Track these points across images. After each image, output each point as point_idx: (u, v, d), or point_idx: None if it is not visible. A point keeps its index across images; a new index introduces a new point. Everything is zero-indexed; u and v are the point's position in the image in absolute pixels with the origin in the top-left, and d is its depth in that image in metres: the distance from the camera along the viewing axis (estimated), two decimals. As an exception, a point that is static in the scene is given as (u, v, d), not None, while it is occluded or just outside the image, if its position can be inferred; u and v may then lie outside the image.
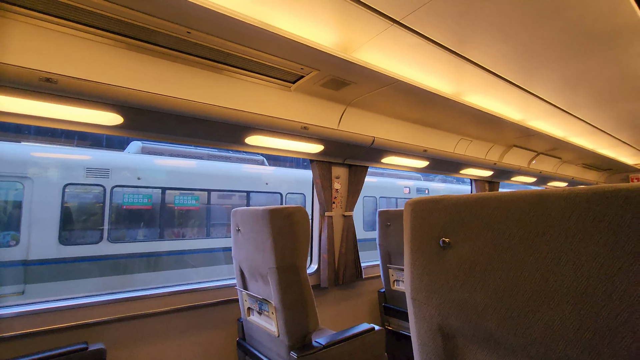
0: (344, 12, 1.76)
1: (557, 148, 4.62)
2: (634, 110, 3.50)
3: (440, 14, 1.80)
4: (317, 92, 2.38)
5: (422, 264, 0.97)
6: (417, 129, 3.17)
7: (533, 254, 0.74)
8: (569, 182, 5.92)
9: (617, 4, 1.72)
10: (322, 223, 2.96)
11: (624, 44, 2.13)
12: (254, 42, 1.76)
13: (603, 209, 0.64)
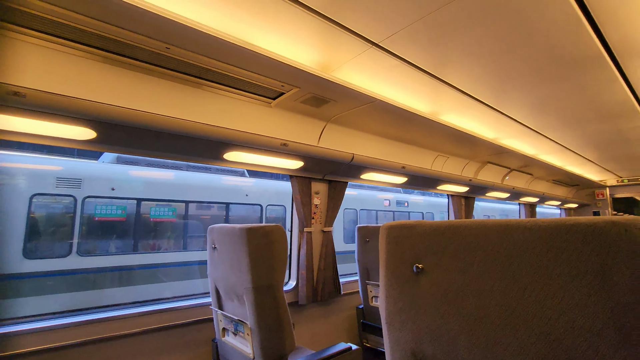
0: (325, 33, 1.80)
1: (528, 165, 4.81)
2: (597, 132, 3.71)
3: (417, 38, 1.86)
4: (297, 108, 2.39)
5: (396, 288, 0.97)
6: (395, 145, 3.23)
7: (501, 283, 0.75)
8: (540, 198, 6.16)
9: (580, 35, 1.83)
10: (301, 239, 2.94)
11: (587, 72, 2.26)
12: (234, 59, 1.76)
13: (564, 242, 0.67)
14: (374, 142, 3.03)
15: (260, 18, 1.65)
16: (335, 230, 8.46)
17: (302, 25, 1.72)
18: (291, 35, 1.80)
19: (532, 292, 0.71)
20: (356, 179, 3.25)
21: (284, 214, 7.87)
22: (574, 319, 0.64)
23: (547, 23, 1.73)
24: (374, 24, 1.74)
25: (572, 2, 1.57)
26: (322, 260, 2.97)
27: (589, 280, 0.64)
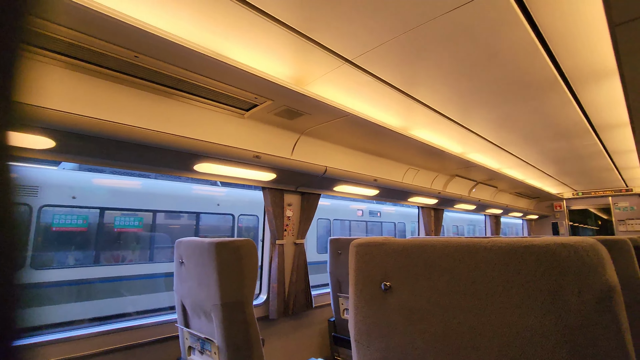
0: (299, 48, 1.81)
1: (493, 178, 5.04)
2: (554, 149, 3.97)
3: (388, 57, 1.92)
4: (271, 120, 2.38)
5: (365, 306, 0.98)
6: (368, 158, 3.29)
7: (464, 302, 0.78)
8: (504, 209, 6.45)
9: (537, 61, 1.96)
10: (273, 252, 2.89)
11: (544, 94, 2.43)
12: (206, 71, 1.73)
13: (520, 263, 0.70)
14: (347, 155, 3.06)
15: (235, 31, 1.64)
16: (308, 240, 8.44)
17: (276, 39, 1.73)
18: (265, 49, 1.81)
19: (492, 312, 0.73)
20: (329, 191, 3.26)
21: (257, 224, 7.76)
22: (530, 337, 0.67)
23: (507, 49, 1.84)
24: (347, 42, 1.78)
25: (529, 30, 1.68)
26: (294, 273, 2.94)
27: (542, 300, 0.67)
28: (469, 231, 13.74)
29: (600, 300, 0.64)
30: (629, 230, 7.09)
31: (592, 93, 2.47)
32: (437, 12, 1.55)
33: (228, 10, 1.50)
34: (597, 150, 4.08)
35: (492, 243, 0.78)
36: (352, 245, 1.08)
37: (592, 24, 1.65)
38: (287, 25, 1.63)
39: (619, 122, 3.01)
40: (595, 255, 0.67)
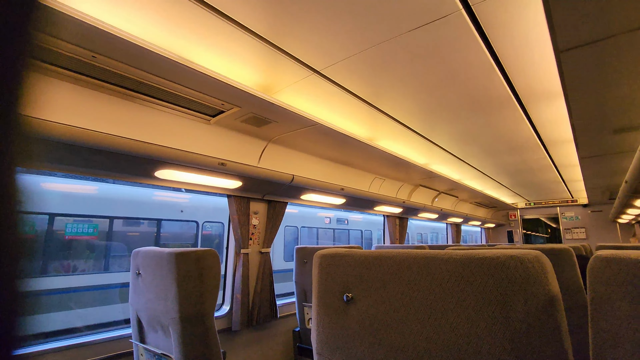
0: (268, 57, 1.81)
1: (454, 188, 5.27)
2: (509, 162, 4.23)
3: (356, 69, 1.97)
4: (238, 127, 2.35)
5: (327, 318, 0.98)
6: (335, 167, 3.33)
7: (421, 313, 0.80)
8: (464, 218, 6.76)
9: (493, 81, 2.10)
10: (237, 261, 2.82)
11: (499, 111, 2.59)
12: (171, 75, 1.68)
13: (473, 274, 0.73)
14: (315, 164, 3.08)
15: (202, 37, 1.61)
16: (275, 247, 8.34)
17: (245, 47, 1.72)
18: (233, 55, 1.79)
19: (446, 322, 0.76)
20: (296, 200, 3.25)
21: (223, 231, 7.55)
22: (480, 347, 0.69)
23: (466, 68, 1.95)
24: (316, 53, 1.80)
25: (486, 52, 1.80)
26: (259, 283, 2.88)
27: (492, 310, 0.71)
28: (432, 239, 14.22)
29: (543, 308, 0.68)
30: (574, 238, 7.68)
31: (541, 111, 2.66)
32: (401, 30, 1.61)
33: (196, 16, 1.48)
34: (546, 164, 4.40)
35: (448, 255, 0.81)
36: (316, 257, 1.08)
37: (541, 48, 1.79)
38: (255, 34, 1.62)
39: (564, 138, 3.27)
40: (539, 267, 0.71)
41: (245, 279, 2.77)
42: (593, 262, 0.66)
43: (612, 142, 2.83)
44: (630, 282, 0.60)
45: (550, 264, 0.75)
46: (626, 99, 1.94)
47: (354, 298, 0.92)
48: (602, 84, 1.80)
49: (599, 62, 1.59)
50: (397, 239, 5.01)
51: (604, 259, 0.64)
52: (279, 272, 8.45)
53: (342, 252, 1.01)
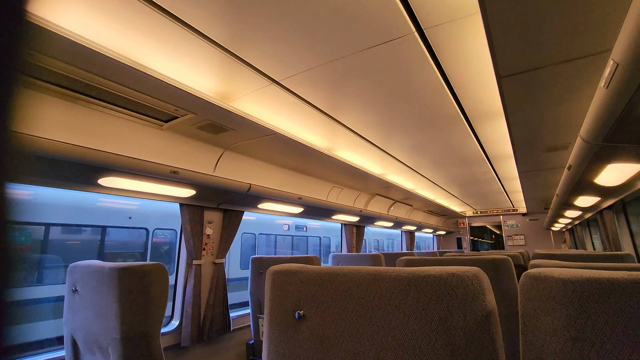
0: (226, 65, 1.77)
1: (409, 198, 5.49)
2: (458, 174, 4.51)
3: (315, 82, 1.99)
4: (193, 133, 2.26)
5: (278, 335, 0.96)
6: (293, 176, 3.32)
7: (370, 329, 0.81)
8: (417, 226, 7.05)
9: (443, 99, 2.22)
10: (189, 273, 2.69)
11: (449, 127, 2.75)
12: (119, 77, 1.58)
13: (418, 291, 0.76)
14: (273, 172, 3.05)
15: (157, 41, 1.55)
16: (231, 255, 8.09)
17: (202, 54, 1.67)
18: (190, 62, 1.73)
19: (393, 338, 0.78)
20: (253, 209, 3.19)
21: (175, 239, 7.18)
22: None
23: (419, 86, 2.05)
24: (275, 63, 1.80)
25: (437, 72, 1.91)
26: (212, 295, 2.77)
27: (435, 325, 0.74)
28: (388, 245, 14.64)
29: (481, 323, 0.72)
30: (515, 244, 8.32)
31: (486, 129, 2.87)
32: (359, 47, 1.66)
33: (151, 20, 1.41)
34: (491, 177, 4.74)
35: (397, 273, 0.83)
36: (269, 273, 1.06)
37: (486, 73, 1.94)
38: (214, 42, 1.59)
39: (506, 154, 3.55)
40: (477, 284, 0.76)
41: (197, 292, 2.65)
42: (523, 280, 0.71)
43: (546, 159, 3.12)
44: (553, 298, 0.65)
45: (488, 280, 0.80)
46: (556, 122, 2.15)
47: (306, 315, 0.92)
48: (536, 107, 1.99)
49: (534, 89, 1.75)
50: (354, 247, 5.09)
51: (532, 277, 0.69)
52: (235, 281, 8.21)
53: (295, 269, 1.00)
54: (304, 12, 1.42)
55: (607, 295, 0.59)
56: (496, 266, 1.84)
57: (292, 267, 1.02)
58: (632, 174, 2.08)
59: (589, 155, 1.81)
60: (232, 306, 6.99)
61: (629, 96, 1.00)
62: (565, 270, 0.67)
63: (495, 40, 1.35)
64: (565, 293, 0.64)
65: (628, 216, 3.39)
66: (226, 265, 8.07)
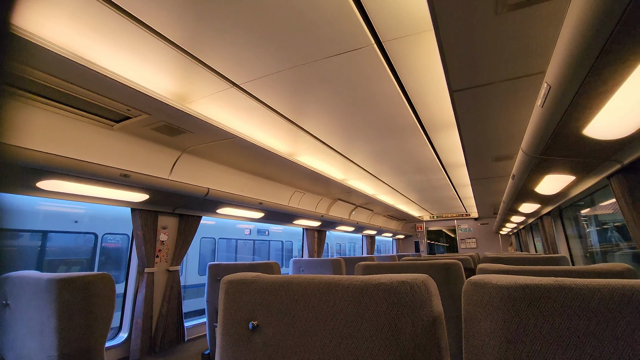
0: (183, 66, 1.71)
1: (369, 203, 5.62)
2: (416, 180, 4.69)
3: (277, 87, 1.98)
4: (147, 135, 2.15)
5: (231, 347, 0.94)
6: (255, 180, 3.27)
7: (322, 339, 0.81)
8: (377, 230, 7.22)
9: (402, 110, 2.31)
10: (140, 281, 2.54)
11: (407, 136, 2.86)
12: (64, 73, 1.46)
13: (370, 299, 0.78)
14: (233, 177, 2.98)
15: (108, 38, 1.46)
16: (190, 260, 7.77)
17: (158, 54, 1.60)
18: (145, 61, 1.65)
19: (346, 347, 0.78)
20: (212, 214, 3.09)
21: (128, 244, 6.75)
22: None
23: (379, 96, 2.12)
24: (234, 67, 1.77)
25: (395, 84, 1.98)
26: (166, 304, 2.63)
27: (385, 333, 0.76)
28: (350, 249, 14.86)
29: (427, 329, 0.75)
30: (467, 247, 8.80)
31: (441, 138, 3.03)
32: (319, 55, 1.68)
33: (102, 15, 1.33)
34: (446, 183, 4.99)
35: (349, 282, 0.85)
36: (222, 282, 1.04)
37: (440, 86, 2.04)
38: (170, 42, 1.53)
39: (459, 162, 3.76)
40: (425, 290, 0.79)
41: (148, 301, 2.51)
42: (465, 286, 0.75)
43: (494, 168, 3.34)
44: (491, 303, 0.70)
45: (435, 287, 0.84)
46: (502, 134, 2.32)
47: (260, 326, 0.91)
48: (484, 120, 2.13)
49: (482, 103, 1.87)
50: (315, 252, 5.11)
51: (473, 283, 0.74)
52: (193, 288, 7.89)
53: (250, 279, 0.99)
54: (263, 18, 1.42)
55: (537, 299, 0.64)
56: (447, 270, 1.94)
57: (247, 277, 1.00)
58: (566, 184, 2.29)
59: (530, 166, 1.97)
60: (189, 314, 6.72)
61: (560, 115, 1.10)
62: (503, 276, 0.72)
63: (448, 57, 1.43)
64: (501, 298, 0.68)
65: (564, 221, 3.73)
66: (183, 272, 7.75)
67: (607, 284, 0.61)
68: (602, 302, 0.59)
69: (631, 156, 1.38)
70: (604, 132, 1.20)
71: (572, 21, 0.72)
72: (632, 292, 0.58)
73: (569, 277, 0.71)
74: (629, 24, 0.63)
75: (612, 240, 3.59)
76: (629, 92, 0.86)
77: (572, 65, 0.82)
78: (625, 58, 0.73)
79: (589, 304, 0.60)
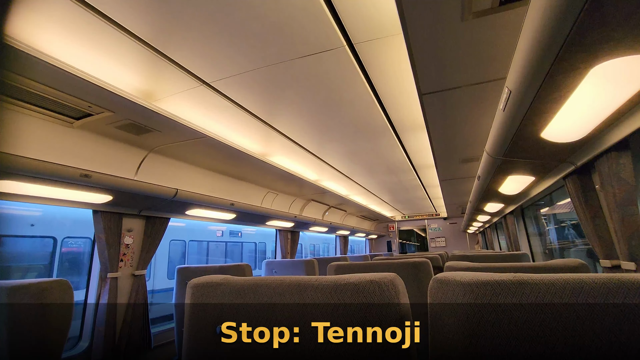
0: (150, 62, 1.65)
1: (343, 203, 5.67)
2: (388, 181, 4.78)
3: (249, 86, 1.95)
4: (111, 133, 2.05)
5: (199, 351, 0.91)
6: (226, 181, 3.20)
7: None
8: (351, 231, 7.30)
9: (373, 112, 2.35)
10: (102, 287, 2.41)
11: (379, 138, 2.91)
12: (17, 66, 1.37)
13: (340, 299, 0.78)
14: (203, 177, 2.90)
15: (68, 30, 1.38)
16: (158, 263, 7.48)
17: (122, 48, 1.53)
18: (108, 56, 1.58)
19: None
20: (180, 215, 3.00)
21: (92, 249, 6.40)
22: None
23: (351, 98, 2.14)
24: (204, 65, 1.72)
25: (367, 86, 2.00)
26: (130, 311, 2.52)
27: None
28: (324, 249, 14.90)
29: (395, 326, 0.77)
30: (437, 246, 9.09)
31: (411, 140, 3.10)
32: (291, 56, 1.68)
33: (62, 7, 1.26)
34: (416, 184, 5.12)
35: (319, 283, 0.85)
36: (189, 286, 1.01)
37: (410, 89, 2.09)
38: (136, 37, 1.46)
39: (429, 164, 3.86)
40: (393, 288, 0.81)
41: (111, 308, 2.39)
42: (431, 284, 0.77)
43: (461, 169, 3.47)
44: (455, 299, 0.72)
45: (403, 285, 0.86)
46: (469, 137, 2.41)
47: (228, 328, 0.89)
48: (452, 123, 2.20)
49: (450, 106, 1.94)
50: (288, 253, 5.08)
51: (438, 281, 0.76)
52: (161, 292, 7.61)
53: (217, 281, 0.97)
54: (234, 16, 1.39)
55: (497, 295, 0.67)
56: (417, 268, 1.99)
57: (214, 280, 0.98)
58: (527, 184, 2.42)
59: (494, 167, 2.06)
60: (157, 320, 6.46)
61: (520, 119, 1.16)
62: (466, 273, 0.75)
63: (417, 60, 1.46)
64: (464, 294, 0.71)
65: (525, 220, 3.94)
66: (151, 276, 7.45)
67: (560, 278, 0.65)
68: (556, 295, 0.63)
69: (583, 158, 1.49)
70: (559, 135, 1.28)
71: (528, 30, 0.76)
72: (582, 286, 0.62)
73: (528, 273, 0.75)
74: (579, 34, 0.68)
75: (569, 237, 3.85)
76: (580, 99, 0.93)
77: (530, 72, 0.86)
78: (576, 66, 0.78)
79: (544, 297, 0.64)
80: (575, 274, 0.65)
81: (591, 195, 1.60)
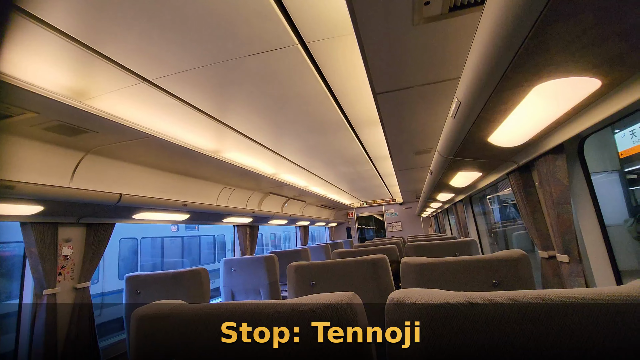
0: (78, 59, 1.47)
1: (302, 194, 5.65)
2: (346, 172, 4.83)
3: (197, 84, 1.82)
4: (37, 135, 1.82)
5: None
6: (178, 179, 3.02)
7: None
8: (310, 221, 7.33)
9: (329, 107, 2.31)
10: (38, 307, 2.17)
11: (336, 132, 2.90)
12: None
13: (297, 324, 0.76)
14: (151, 177, 2.70)
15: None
16: (107, 263, 7.01)
17: (45, 44, 1.34)
18: (28, 52, 1.37)
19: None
20: (127, 220, 2.78)
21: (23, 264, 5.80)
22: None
23: (306, 93, 2.08)
24: (143, 61, 1.57)
25: (321, 82, 1.96)
26: (74, 327, 2.30)
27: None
28: (285, 238, 14.91)
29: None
30: (394, 230, 9.46)
31: (367, 134, 3.13)
32: (242, 53, 1.58)
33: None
34: (373, 174, 5.23)
35: (274, 309, 0.81)
36: (133, 319, 0.92)
37: (364, 86, 2.08)
38: (59, 30, 1.28)
39: (384, 155, 3.95)
40: (350, 310, 0.79)
41: (50, 327, 2.16)
42: (387, 306, 0.77)
43: (414, 160, 3.59)
44: (412, 322, 0.73)
45: (361, 303, 0.85)
46: (420, 132, 2.48)
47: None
48: (406, 119, 2.25)
49: (404, 104, 1.96)
50: (248, 249, 4.99)
51: (395, 304, 0.76)
52: (113, 294, 7.17)
53: (166, 312, 0.90)
54: (175, 12, 1.27)
55: (450, 317, 0.68)
56: (375, 265, 2.03)
57: (161, 310, 0.91)
58: (475, 179, 2.56)
59: (444, 165, 2.14)
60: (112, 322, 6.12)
61: (469, 126, 1.19)
62: (422, 294, 0.75)
63: (370, 62, 1.44)
64: (420, 316, 0.71)
65: (473, 207, 4.20)
66: (100, 279, 6.96)
67: (507, 298, 0.67)
68: (504, 316, 0.65)
69: (524, 159, 1.59)
70: (504, 140, 1.35)
71: (477, 49, 0.76)
72: (527, 307, 0.65)
73: (477, 266, 0.77)
74: (525, 57, 0.69)
75: (511, 216, 4.21)
76: (523, 111, 0.97)
77: (479, 86, 0.88)
78: (521, 84, 0.80)
79: (492, 319, 0.66)
80: (521, 292, 0.68)
81: (531, 192, 1.72)
